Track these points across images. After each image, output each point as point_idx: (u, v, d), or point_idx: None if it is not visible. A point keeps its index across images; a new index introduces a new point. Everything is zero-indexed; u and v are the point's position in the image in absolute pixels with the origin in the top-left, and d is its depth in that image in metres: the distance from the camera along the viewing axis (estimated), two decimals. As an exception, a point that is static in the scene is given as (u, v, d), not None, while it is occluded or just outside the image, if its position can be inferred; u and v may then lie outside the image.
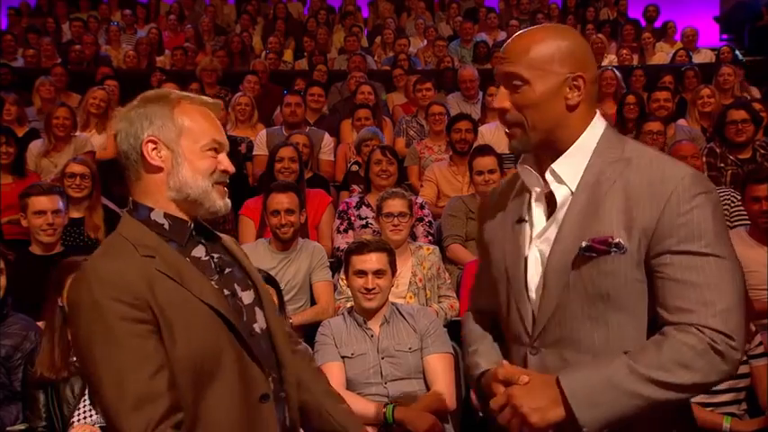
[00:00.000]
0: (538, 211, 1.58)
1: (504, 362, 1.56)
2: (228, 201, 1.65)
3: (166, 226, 1.58)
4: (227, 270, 1.66)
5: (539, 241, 1.55)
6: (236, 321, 1.58)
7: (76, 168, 4.17)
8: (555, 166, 1.53)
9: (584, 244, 1.46)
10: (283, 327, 1.76)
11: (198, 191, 1.59)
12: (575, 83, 1.50)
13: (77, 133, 5.51)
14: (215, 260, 1.65)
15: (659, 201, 1.43)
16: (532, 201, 1.59)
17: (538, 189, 1.58)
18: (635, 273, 1.45)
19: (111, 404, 1.43)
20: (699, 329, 1.38)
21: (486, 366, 1.64)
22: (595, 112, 1.57)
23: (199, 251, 1.62)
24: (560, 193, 1.53)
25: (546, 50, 1.50)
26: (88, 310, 1.45)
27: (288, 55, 9.27)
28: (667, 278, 1.42)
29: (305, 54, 9.17)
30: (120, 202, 4.67)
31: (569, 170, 1.53)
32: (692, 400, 2.88)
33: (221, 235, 1.73)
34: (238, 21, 10.35)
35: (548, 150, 1.55)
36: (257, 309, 1.67)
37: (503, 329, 1.67)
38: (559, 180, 1.53)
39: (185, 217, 1.61)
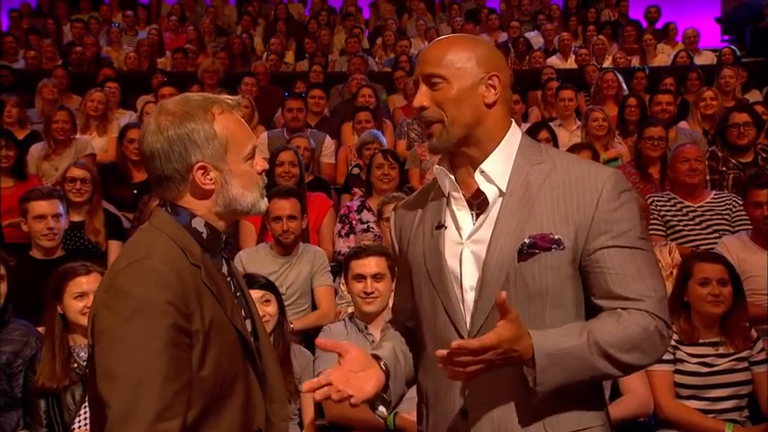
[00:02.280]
0: (461, 214, 1.60)
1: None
2: (266, 198, 1.63)
3: (205, 235, 1.54)
4: (239, 293, 1.63)
5: (470, 243, 1.58)
6: (254, 348, 1.57)
7: (77, 173, 4.16)
8: (484, 165, 1.58)
9: (527, 241, 1.51)
10: (277, 362, 1.72)
11: (247, 205, 1.57)
12: (490, 82, 1.57)
13: (77, 136, 5.50)
14: (233, 281, 1.63)
15: (591, 198, 1.52)
16: (453, 206, 1.61)
17: (456, 194, 1.61)
18: (570, 269, 1.53)
19: (125, 405, 1.35)
20: (647, 316, 1.48)
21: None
22: (512, 120, 1.64)
23: (224, 268, 1.60)
24: (490, 192, 1.57)
25: (462, 53, 1.57)
26: (140, 306, 1.38)
27: (289, 56, 9.26)
28: (607, 271, 1.51)
29: (306, 55, 9.16)
30: (120, 205, 4.67)
31: (498, 169, 1.58)
32: (693, 406, 2.91)
33: None
34: (239, 22, 10.35)
35: (467, 150, 1.59)
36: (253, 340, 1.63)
37: (425, 337, 1.65)
38: (489, 179, 1.57)
39: (221, 228, 1.58)
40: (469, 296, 1.56)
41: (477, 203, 1.59)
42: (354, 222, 4.38)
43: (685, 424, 2.90)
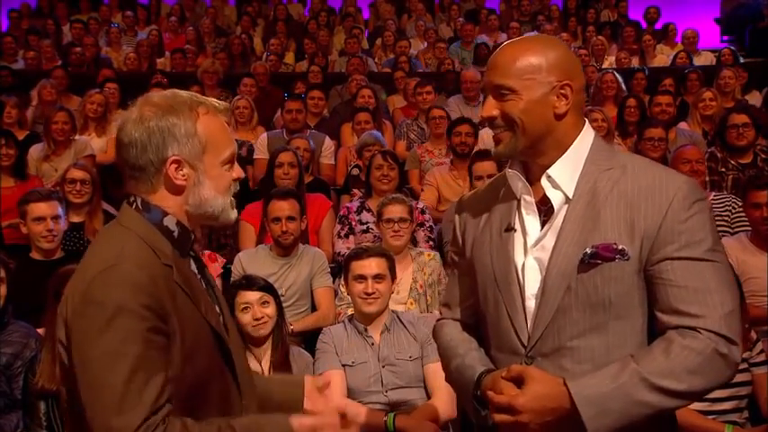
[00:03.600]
0: (530, 219, 1.57)
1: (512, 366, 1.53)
2: (236, 210, 1.62)
3: (176, 234, 1.53)
4: (210, 291, 1.62)
5: (535, 250, 1.55)
6: (228, 345, 1.56)
7: (77, 174, 4.17)
8: (551, 171, 1.54)
9: (588, 250, 1.47)
10: (245, 357, 1.72)
11: (217, 208, 1.56)
12: (562, 91, 1.52)
13: (77, 137, 5.50)
14: (203, 279, 1.62)
15: (660, 207, 1.46)
16: (522, 209, 1.58)
17: (528, 197, 1.58)
18: (636, 279, 1.47)
19: (111, 412, 1.34)
20: (702, 333, 1.41)
21: (483, 368, 1.60)
22: (585, 121, 1.59)
23: (192, 266, 1.59)
24: (556, 199, 1.54)
25: (532, 60, 1.52)
26: (116, 313, 1.37)
27: (289, 57, 9.26)
28: (669, 283, 1.45)
29: (305, 56, 9.16)
30: (119, 206, 4.65)
31: (565, 175, 1.54)
32: (693, 407, 2.91)
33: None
34: (239, 22, 10.34)
35: (535, 157, 1.57)
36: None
37: (488, 340, 1.65)
38: (555, 185, 1.54)
39: (191, 227, 1.57)
40: (530, 303, 1.54)
41: (545, 209, 1.56)
42: (354, 223, 4.38)
43: (685, 425, 2.89)
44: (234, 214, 1.60)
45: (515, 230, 1.58)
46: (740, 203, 3.96)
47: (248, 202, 4.47)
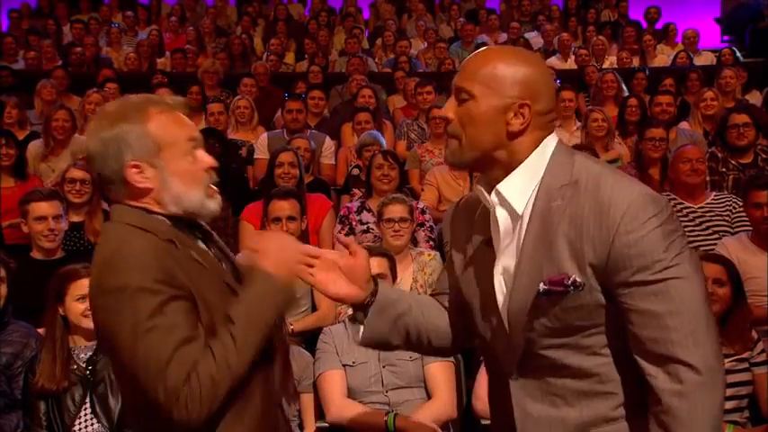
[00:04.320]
0: (495, 236, 1.54)
1: None
2: (219, 197, 1.63)
3: (168, 223, 1.57)
4: (224, 264, 1.67)
5: (500, 268, 1.53)
6: None
7: (77, 174, 4.16)
8: (500, 186, 1.49)
9: (541, 288, 1.43)
10: None
11: (194, 202, 1.58)
12: (520, 110, 1.46)
13: (75, 135, 5.49)
14: (214, 254, 1.66)
15: (606, 234, 1.39)
16: (492, 224, 1.55)
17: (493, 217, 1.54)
18: (597, 298, 1.43)
19: (157, 376, 1.42)
20: (670, 371, 1.37)
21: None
22: (544, 138, 1.51)
23: (200, 244, 1.63)
24: (502, 217, 1.50)
25: (500, 71, 1.47)
26: (129, 294, 1.43)
27: (289, 57, 9.26)
28: (629, 309, 1.41)
29: (306, 56, 9.16)
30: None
31: (515, 191, 1.48)
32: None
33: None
34: (239, 22, 10.34)
35: (485, 171, 1.53)
36: None
37: (479, 344, 1.65)
38: (503, 201, 1.49)
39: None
40: (506, 325, 1.52)
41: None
42: (354, 223, 4.38)
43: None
44: (214, 204, 1.61)
45: (491, 246, 1.55)
46: (741, 203, 3.96)
47: (248, 202, 4.47)
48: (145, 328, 1.42)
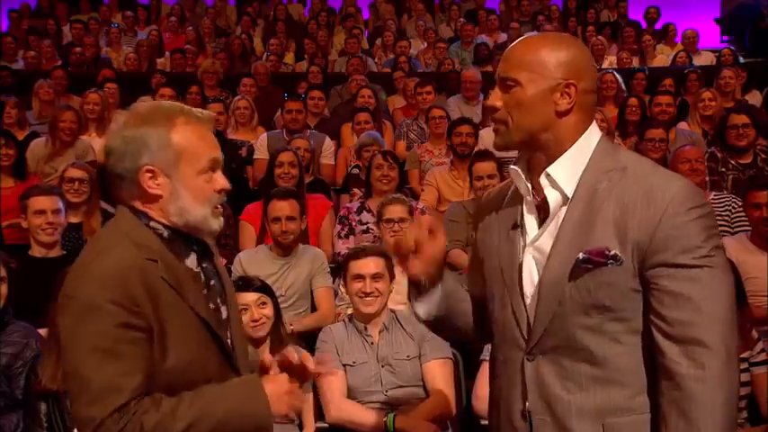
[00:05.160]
0: (530, 218, 1.59)
1: None
2: (222, 219, 1.63)
3: (165, 235, 1.57)
4: (212, 282, 1.65)
5: (531, 249, 1.57)
6: (222, 337, 1.59)
7: (75, 173, 4.16)
8: (550, 169, 1.54)
9: (580, 256, 1.47)
10: (246, 347, 1.75)
11: (197, 218, 1.57)
12: (566, 90, 1.53)
13: (80, 137, 5.49)
14: (204, 271, 1.64)
15: (654, 213, 1.44)
16: (524, 207, 1.61)
17: (528, 197, 1.60)
18: (632, 283, 1.47)
19: (86, 404, 1.41)
20: (688, 357, 1.41)
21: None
22: (591, 122, 1.59)
23: (191, 261, 1.61)
24: (553, 198, 1.55)
25: (542, 56, 1.53)
26: (85, 309, 1.43)
27: (289, 57, 9.26)
28: (663, 290, 1.44)
29: (305, 56, 9.16)
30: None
31: (565, 175, 1.54)
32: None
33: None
34: (239, 22, 10.34)
35: (537, 153, 1.58)
36: (228, 326, 1.66)
37: (494, 330, 1.68)
38: (554, 184, 1.54)
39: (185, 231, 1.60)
40: (529, 302, 1.56)
41: (545, 208, 1.57)
42: (354, 224, 4.38)
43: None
44: (216, 224, 1.61)
45: (519, 227, 1.60)
46: (740, 203, 3.96)
47: (248, 202, 4.47)
48: (88, 347, 1.42)
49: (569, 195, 1.53)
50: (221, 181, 1.60)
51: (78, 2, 10.61)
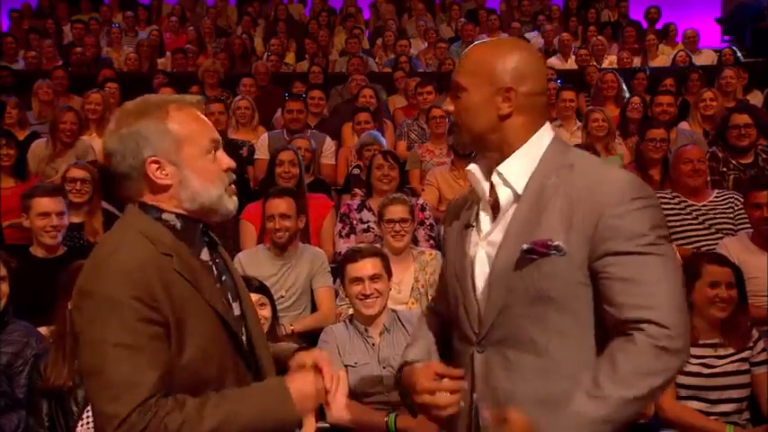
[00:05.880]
0: (484, 216, 1.66)
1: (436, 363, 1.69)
2: (236, 198, 1.64)
3: (178, 227, 1.56)
4: (224, 277, 1.65)
5: (484, 243, 1.63)
6: (238, 333, 1.59)
7: (77, 173, 4.16)
8: (501, 167, 1.61)
9: (524, 246, 1.53)
10: (266, 343, 1.74)
11: (212, 198, 1.57)
12: (506, 94, 1.59)
13: (81, 138, 5.49)
14: (216, 265, 1.64)
15: (598, 205, 1.49)
16: (479, 206, 1.68)
17: (485, 196, 1.66)
18: (577, 275, 1.51)
19: (109, 399, 1.39)
20: (642, 329, 1.43)
21: (412, 359, 1.77)
22: (542, 122, 1.64)
23: (205, 254, 1.62)
24: (504, 195, 1.60)
25: (487, 62, 1.61)
26: (106, 304, 1.42)
27: (290, 57, 9.26)
28: (612, 278, 1.47)
29: (306, 56, 9.16)
30: (121, 206, 4.65)
31: (514, 172, 1.60)
32: (694, 407, 2.91)
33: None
34: (239, 22, 10.34)
35: (489, 153, 1.65)
36: (243, 323, 1.66)
37: (453, 329, 1.73)
38: (505, 181, 1.60)
39: (198, 219, 1.60)
40: (480, 296, 1.61)
41: (499, 206, 1.63)
42: (355, 222, 4.38)
43: (686, 425, 2.90)
44: (232, 203, 1.61)
45: (472, 227, 1.68)
46: (743, 200, 3.96)
47: (249, 201, 4.47)
48: (109, 343, 1.40)
49: (519, 192, 1.59)
50: (225, 159, 1.60)
51: (79, 2, 10.62)
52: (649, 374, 1.42)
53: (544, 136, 1.63)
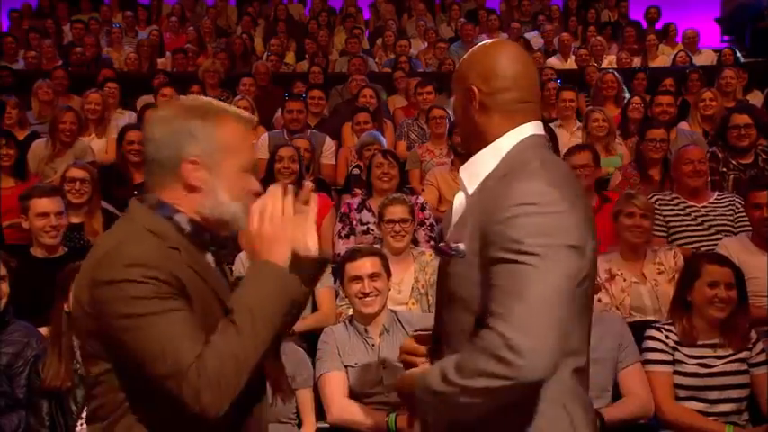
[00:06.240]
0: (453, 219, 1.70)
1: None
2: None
3: (187, 230, 1.55)
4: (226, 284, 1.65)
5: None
6: None
7: (77, 173, 4.16)
8: (462, 168, 1.65)
9: (437, 247, 1.63)
10: None
11: (231, 214, 1.56)
12: (471, 94, 1.62)
13: (79, 138, 5.49)
14: (223, 273, 1.65)
15: (491, 209, 1.49)
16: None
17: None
18: (476, 276, 1.52)
19: (169, 374, 1.38)
20: (487, 334, 1.41)
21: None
22: (516, 123, 1.61)
23: (209, 258, 1.61)
24: (457, 198, 1.65)
25: (464, 65, 1.67)
26: (125, 287, 1.40)
27: (290, 57, 9.26)
28: (491, 284, 1.47)
29: (306, 56, 9.16)
30: (120, 206, 4.66)
31: (468, 175, 1.63)
32: (694, 408, 2.91)
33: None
34: (239, 22, 10.35)
35: (471, 153, 1.68)
36: None
37: None
38: (461, 183, 1.64)
39: (208, 228, 1.59)
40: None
41: None
42: (354, 223, 4.38)
43: (686, 426, 2.90)
44: (243, 224, 1.59)
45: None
46: (742, 203, 3.96)
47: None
48: (150, 312, 1.40)
49: (470, 194, 1.61)
50: (256, 185, 1.61)
51: (79, 2, 10.61)
52: (485, 375, 1.40)
53: (513, 137, 1.60)
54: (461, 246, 1.53)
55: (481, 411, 1.46)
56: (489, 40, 1.72)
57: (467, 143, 1.70)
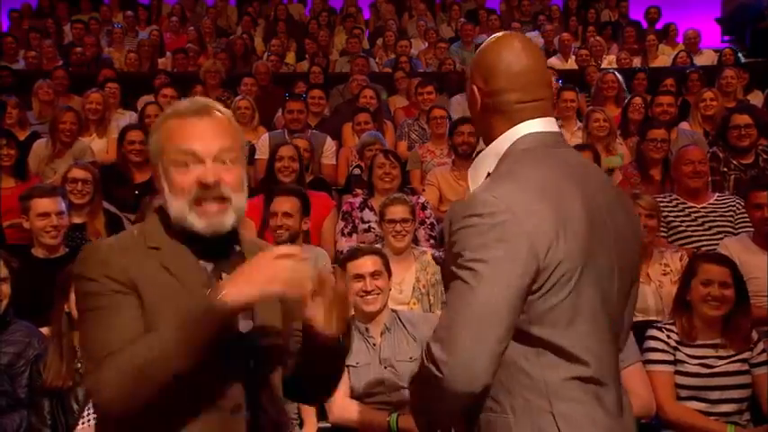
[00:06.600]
0: None
1: None
2: (218, 219, 1.53)
3: (172, 230, 1.56)
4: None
5: None
6: None
7: (78, 173, 4.15)
8: (469, 169, 1.64)
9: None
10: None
11: (176, 212, 1.53)
12: (474, 90, 1.61)
13: (79, 138, 5.49)
14: (210, 273, 1.57)
15: (449, 221, 1.49)
16: None
17: None
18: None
19: (90, 368, 1.47)
20: (427, 345, 1.45)
21: None
22: (513, 123, 1.56)
23: (204, 264, 1.56)
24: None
25: (473, 63, 1.66)
26: (82, 282, 1.51)
27: (290, 57, 9.26)
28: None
29: (306, 56, 9.17)
30: (121, 207, 4.66)
31: (473, 175, 1.62)
32: (694, 408, 2.91)
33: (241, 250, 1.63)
34: (239, 22, 10.34)
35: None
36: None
37: None
38: (468, 183, 1.63)
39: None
40: None
41: None
42: (356, 221, 4.38)
43: (687, 426, 2.90)
44: (202, 224, 1.52)
45: None
46: (742, 204, 3.97)
47: (248, 197, 4.45)
48: (92, 308, 1.48)
49: (471, 189, 1.60)
50: (196, 172, 1.52)
51: (79, 2, 10.61)
52: (420, 382, 1.50)
53: (509, 136, 1.56)
54: (441, 255, 1.54)
55: (439, 414, 1.53)
56: (498, 34, 1.67)
57: (483, 138, 1.67)
